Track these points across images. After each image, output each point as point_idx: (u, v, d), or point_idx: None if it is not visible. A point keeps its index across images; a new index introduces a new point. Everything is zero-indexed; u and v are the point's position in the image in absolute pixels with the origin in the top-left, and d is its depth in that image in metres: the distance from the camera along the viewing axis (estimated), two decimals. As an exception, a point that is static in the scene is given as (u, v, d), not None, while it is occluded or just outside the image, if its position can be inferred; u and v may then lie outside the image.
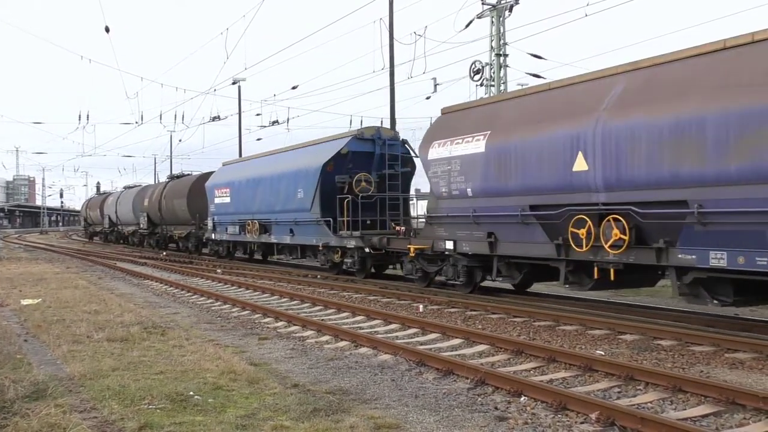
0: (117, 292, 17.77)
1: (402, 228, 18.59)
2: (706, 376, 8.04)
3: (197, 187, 32.54)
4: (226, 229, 27.83)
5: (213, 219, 29.12)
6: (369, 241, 18.47)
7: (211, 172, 32.46)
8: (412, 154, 20.67)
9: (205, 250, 33.36)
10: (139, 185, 50.61)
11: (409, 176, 21.07)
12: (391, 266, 20.62)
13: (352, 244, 19.19)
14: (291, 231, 22.34)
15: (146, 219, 40.81)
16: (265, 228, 24.31)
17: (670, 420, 6.01)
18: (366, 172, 19.92)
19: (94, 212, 58.16)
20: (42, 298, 15.47)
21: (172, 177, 41.29)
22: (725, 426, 6.24)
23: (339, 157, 19.92)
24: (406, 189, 21.27)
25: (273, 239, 23.76)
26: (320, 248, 20.77)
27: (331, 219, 19.90)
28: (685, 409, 6.74)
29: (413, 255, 16.30)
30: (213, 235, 29.36)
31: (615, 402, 6.84)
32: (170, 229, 38.17)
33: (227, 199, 27.73)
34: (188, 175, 39.07)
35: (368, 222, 19.80)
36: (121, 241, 50.37)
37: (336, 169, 19.98)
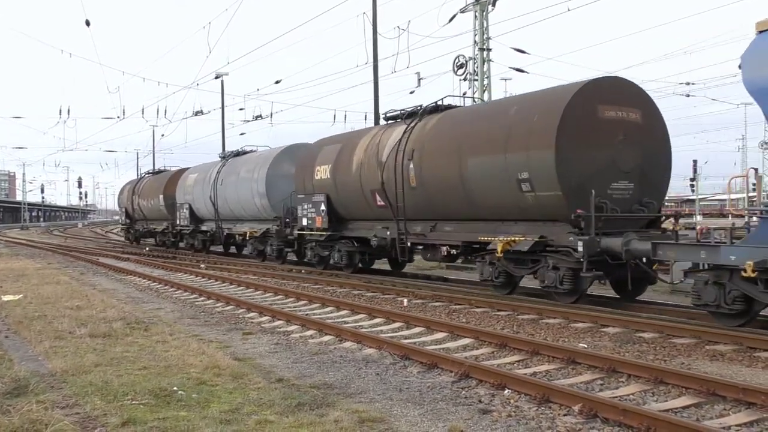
0: (99, 287, 17.64)
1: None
2: (688, 368, 8.13)
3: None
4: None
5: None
6: None
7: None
8: None
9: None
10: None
11: None
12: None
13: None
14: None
15: (286, 210, 22.49)
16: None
17: (652, 411, 6.08)
18: None
19: (150, 200, 37.32)
20: (23, 294, 15.31)
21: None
22: (706, 417, 6.31)
23: None
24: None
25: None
26: None
27: None
28: (667, 401, 6.82)
29: None
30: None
31: (597, 394, 6.90)
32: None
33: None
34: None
35: None
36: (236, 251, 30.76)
37: None
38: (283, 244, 23.17)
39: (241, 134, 55.19)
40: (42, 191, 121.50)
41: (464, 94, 25.07)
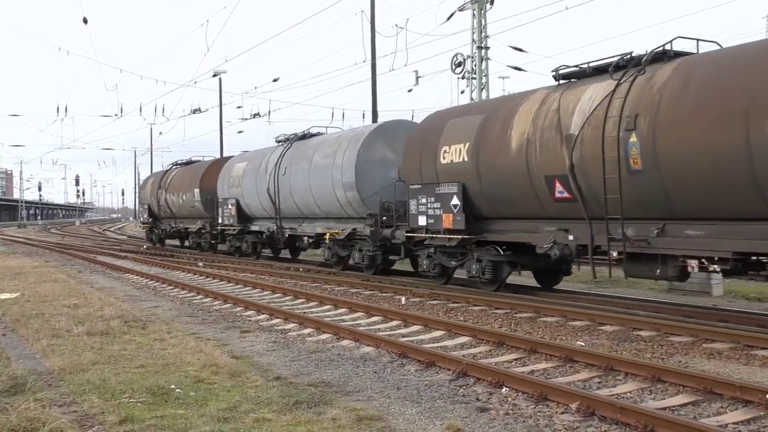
0: (97, 285, 17.62)
1: None
2: (685, 366, 8.14)
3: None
4: None
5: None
6: None
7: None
8: None
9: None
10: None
11: None
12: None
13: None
14: None
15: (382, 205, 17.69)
16: None
17: (649, 409, 6.08)
18: None
19: (182, 195, 31.29)
20: (20, 292, 15.30)
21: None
22: (703, 415, 6.32)
23: None
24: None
25: None
26: None
27: None
28: (664, 399, 6.83)
29: None
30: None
31: (595, 392, 6.91)
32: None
33: None
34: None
35: None
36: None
37: None
38: (380, 249, 18.02)
39: (239, 132, 55.17)
40: (39, 189, 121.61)
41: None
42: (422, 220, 15.31)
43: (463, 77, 26.71)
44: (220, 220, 26.77)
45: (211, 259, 25.74)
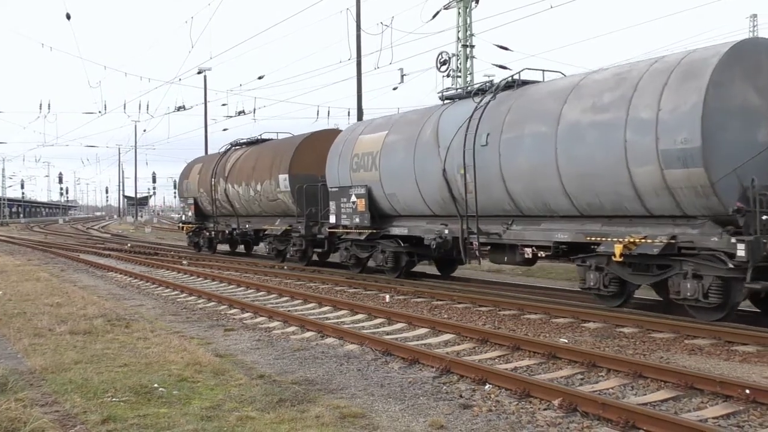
0: (80, 284, 17.50)
1: None
2: (666, 362, 8.22)
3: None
4: None
5: None
6: None
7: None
8: None
9: None
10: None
11: None
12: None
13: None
14: None
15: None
16: None
17: (631, 405, 6.14)
18: None
19: (255, 184, 23.11)
20: (2, 291, 15.16)
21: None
22: (684, 410, 6.38)
23: None
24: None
25: None
26: None
27: None
28: (646, 395, 6.89)
29: None
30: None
31: (577, 389, 6.96)
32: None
33: None
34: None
35: None
36: None
37: None
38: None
39: (224, 130, 54.81)
40: (22, 187, 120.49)
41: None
42: None
43: (448, 75, 26.74)
44: (332, 220, 18.18)
45: (195, 258, 25.50)
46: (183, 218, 31.01)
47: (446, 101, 15.52)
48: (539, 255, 12.89)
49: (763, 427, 5.88)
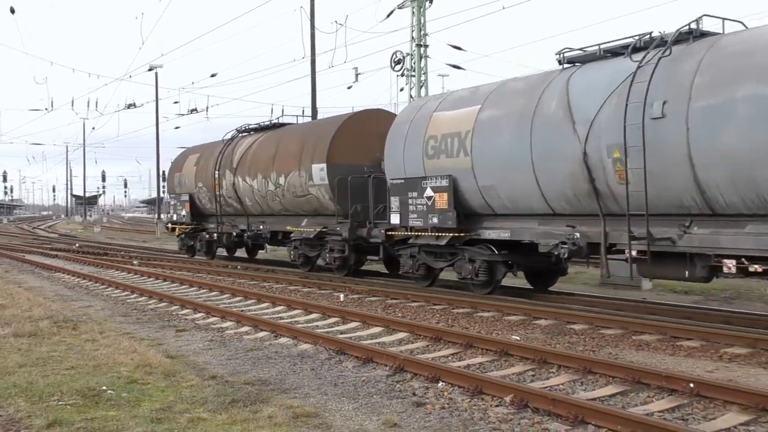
0: (25, 285, 17.03)
1: None
2: (615, 357, 8.39)
3: None
4: None
5: None
6: None
7: None
8: None
9: None
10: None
11: None
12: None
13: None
14: None
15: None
16: None
17: (580, 400, 6.25)
18: None
19: (276, 176, 18.56)
20: (-57, 293, 14.66)
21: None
22: (631, 404, 6.53)
23: None
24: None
25: None
26: None
27: None
28: (595, 390, 7.03)
29: None
30: None
31: (528, 385, 7.05)
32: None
33: None
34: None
35: None
36: None
37: None
38: None
39: (176, 128, 53.97)
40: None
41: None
42: None
43: (402, 75, 26.79)
44: (394, 220, 14.59)
45: (146, 258, 25.04)
46: (174, 218, 25.77)
47: (566, 65, 11.70)
48: (754, 269, 9.01)
49: (706, 420, 6.04)
